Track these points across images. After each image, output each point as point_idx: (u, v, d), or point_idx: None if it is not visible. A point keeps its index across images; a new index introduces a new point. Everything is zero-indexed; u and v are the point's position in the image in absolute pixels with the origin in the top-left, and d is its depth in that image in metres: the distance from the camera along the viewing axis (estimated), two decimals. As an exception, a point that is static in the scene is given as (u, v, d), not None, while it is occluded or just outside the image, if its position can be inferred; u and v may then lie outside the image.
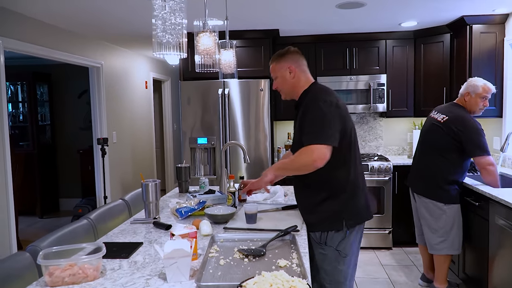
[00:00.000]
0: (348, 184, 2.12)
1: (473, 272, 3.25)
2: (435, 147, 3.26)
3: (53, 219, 6.32)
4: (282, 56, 2.26)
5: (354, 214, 2.13)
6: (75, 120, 6.87)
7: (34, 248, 1.89)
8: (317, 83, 2.26)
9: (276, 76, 2.28)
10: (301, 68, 2.25)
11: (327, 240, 2.10)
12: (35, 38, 3.85)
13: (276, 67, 2.27)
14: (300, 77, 2.24)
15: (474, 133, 3.09)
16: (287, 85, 2.26)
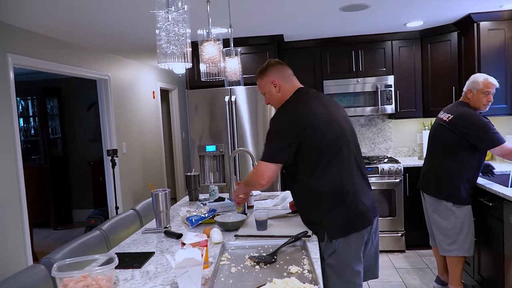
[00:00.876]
0: (327, 193, 2.03)
1: (489, 274, 3.21)
2: (442, 147, 3.24)
3: (67, 230, 6.38)
4: (264, 72, 2.26)
5: (337, 225, 2.01)
6: (85, 132, 6.94)
7: (48, 261, 1.91)
8: (298, 92, 2.20)
9: (263, 92, 2.30)
10: (285, 79, 2.24)
11: (322, 248, 2.03)
12: (43, 53, 3.91)
13: (261, 83, 2.29)
14: (285, 88, 2.22)
15: (480, 130, 3.06)
16: (276, 99, 2.25)
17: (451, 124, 3.18)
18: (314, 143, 2.02)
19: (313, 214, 2.09)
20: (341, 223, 2.02)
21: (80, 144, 6.97)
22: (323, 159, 2.03)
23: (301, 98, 2.16)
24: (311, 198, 2.08)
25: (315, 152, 2.03)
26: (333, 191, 2.03)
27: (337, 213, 2.02)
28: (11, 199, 3.48)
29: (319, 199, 2.05)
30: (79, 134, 6.97)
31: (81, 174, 6.89)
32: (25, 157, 3.76)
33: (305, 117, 2.04)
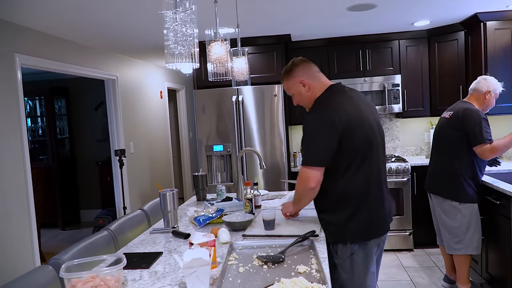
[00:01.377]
0: (353, 196, 2.01)
1: (497, 272, 3.19)
2: (446, 144, 3.25)
3: (74, 230, 6.42)
4: (290, 71, 2.18)
5: (359, 229, 2.02)
6: (93, 132, 6.98)
7: (56, 261, 1.92)
8: (330, 89, 2.14)
9: (292, 93, 2.22)
10: (313, 76, 2.17)
11: (338, 251, 2.05)
12: (50, 53, 3.94)
13: (288, 84, 2.20)
14: (315, 86, 2.14)
15: (475, 122, 3.06)
16: (306, 99, 2.18)
17: (451, 120, 3.20)
18: (347, 144, 1.97)
19: (338, 216, 2.04)
20: (364, 227, 2.03)
21: (87, 144, 7.01)
22: (354, 160, 2.00)
23: (333, 98, 2.08)
24: (337, 200, 2.04)
25: (347, 154, 1.99)
26: (359, 194, 2.02)
27: (360, 217, 2.01)
28: (19, 199, 3.51)
29: (346, 201, 2.02)
30: (87, 134, 7.01)
31: (89, 174, 6.93)
32: (32, 157, 3.78)
33: (339, 118, 1.97)
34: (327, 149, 1.97)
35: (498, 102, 3.96)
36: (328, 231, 2.10)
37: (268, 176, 4.52)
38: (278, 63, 4.60)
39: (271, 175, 4.51)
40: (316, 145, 1.99)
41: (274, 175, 4.49)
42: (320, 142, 1.98)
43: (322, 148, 1.98)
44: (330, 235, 2.08)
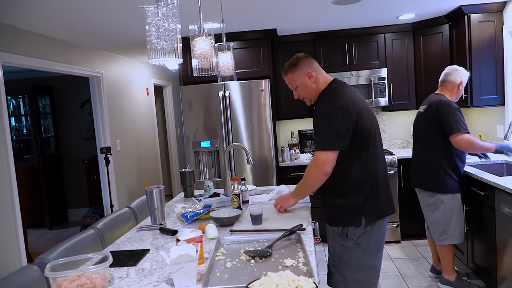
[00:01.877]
0: (367, 180, 2.13)
1: (482, 261, 3.23)
2: (423, 138, 3.31)
3: (62, 230, 6.35)
4: (296, 65, 2.26)
5: (373, 210, 2.13)
6: (79, 131, 6.90)
7: (42, 261, 1.89)
8: (334, 82, 2.25)
9: (296, 86, 2.28)
10: (317, 70, 2.26)
11: (348, 233, 2.14)
12: (33, 51, 3.87)
13: (294, 77, 2.27)
14: (319, 79, 2.25)
15: (449, 112, 3.11)
16: (310, 91, 2.27)
17: (426, 113, 3.26)
18: (360, 130, 2.09)
19: (354, 199, 2.13)
20: (377, 207, 2.15)
21: (73, 143, 6.93)
22: (366, 145, 2.13)
23: (341, 89, 2.19)
24: (353, 183, 2.13)
25: (361, 138, 2.11)
26: (373, 176, 2.14)
27: (375, 198, 2.14)
28: (3, 199, 3.45)
29: (361, 184, 2.13)
30: (72, 133, 6.93)
31: (75, 172, 6.86)
32: (17, 157, 3.73)
33: (352, 105, 2.09)
34: (345, 132, 2.06)
35: (482, 94, 4.04)
36: (340, 215, 2.16)
37: (256, 172, 4.52)
38: (264, 58, 4.59)
39: (259, 171, 4.51)
40: (334, 129, 2.07)
41: (262, 170, 4.49)
42: (338, 126, 2.06)
43: (340, 132, 2.06)
44: (342, 218, 2.15)
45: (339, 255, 2.17)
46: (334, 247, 2.20)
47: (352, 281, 2.14)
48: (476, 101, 4.06)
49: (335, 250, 2.19)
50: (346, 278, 2.15)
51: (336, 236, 2.18)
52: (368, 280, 2.17)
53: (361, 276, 2.15)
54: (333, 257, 2.20)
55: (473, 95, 4.05)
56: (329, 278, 2.25)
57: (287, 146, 5.05)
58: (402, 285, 3.56)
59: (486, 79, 4.03)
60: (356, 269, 2.14)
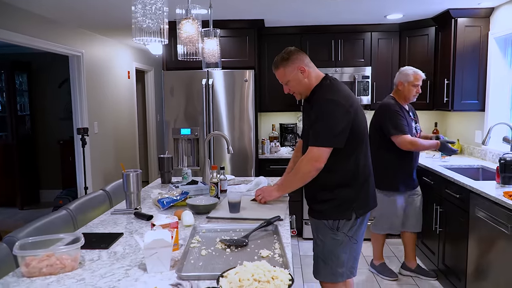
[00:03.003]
0: (357, 174, 2.18)
1: (453, 263, 3.29)
2: (372, 140, 3.36)
3: (33, 210, 6.20)
4: (288, 59, 2.23)
5: (363, 204, 2.20)
6: (55, 110, 6.72)
7: (11, 239, 1.83)
8: (328, 78, 2.25)
9: (287, 80, 2.26)
10: (309, 65, 2.25)
11: (339, 226, 2.17)
12: (13, 25, 3.74)
13: (285, 71, 2.24)
14: (311, 74, 2.23)
15: (388, 115, 3.33)
16: (302, 86, 2.25)
17: (373, 116, 3.49)
18: (355, 126, 2.12)
19: (347, 193, 2.16)
20: (366, 201, 2.23)
21: (49, 122, 6.75)
22: (360, 141, 2.18)
23: (336, 85, 2.20)
24: (347, 178, 2.17)
25: (356, 135, 2.14)
26: (363, 172, 2.20)
27: (364, 193, 2.21)
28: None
29: (353, 180, 2.17)
30: (48, 112, 6.74)
31: (50, 153, 6.69)
32: (-10, 133, 3.60)
33: (349, 102, 2.12)
34: (342, 131, 2.08)
35: (464, 98, 4.09)
36: (332, 209, 2.18)
37: (235, 162, 4.49)
38: (250, 48, 4.54)
39: (238, 161, 4.48)
40: (332, 127, 2.08)
41: (241, 161, 4.47)
42: (336, 124, 2.08)
43: (337, 130, 2.08)
44: (334, 212, 2.18)
45: (330, 249, 2.20)
46: (324, 241, 2.22)
47: (338, 273, 2.21)
48: (456, 105, 4.11)
49: (325, 244, 2.22)
50: (335, 271, 2.20)
51: (326, 229, 2.20)
52: (350, 269, 2.26)
53: (347, 267, 2.22)
54: (323, 251, 2.23)
55: (454, 99, 4.10)
56: (316, 271, 2.30)
57: (267, 139, 5.03)
58: (373, 282, 3.61)
59: (468, 83, 4.08)
60: (345, 261, 2.20)
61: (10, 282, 1.45)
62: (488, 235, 2.73)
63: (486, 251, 2.77)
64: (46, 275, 1.48)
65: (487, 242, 2.75)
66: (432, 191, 3.68)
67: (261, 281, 1.25)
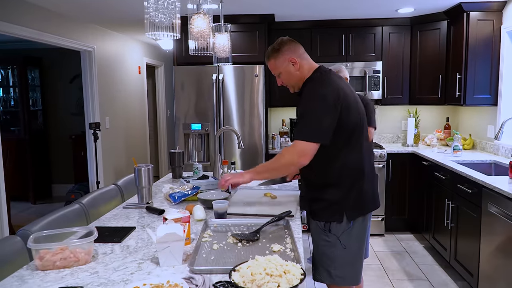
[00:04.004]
0: (350, 174, 2.02)
1: (464, 258, 3.27)
2: None
3: (46, 205, 6.28)
4: (279, 50, 2.09)
5: (356, 206, 2.02)
6: (67, 106, 6.78)
7: (25, 232, 1.86)
8: (320, 70, 2.10)
9: (279, 72, 2.14)
10: (302, 56, 2.11)
11: (331, 228, 2.02)
12: (26, 20, 3.77)
13: (276, 63, 2.11)
14: (303, 65, 2.10)
15: None
16: (294, 78, 2.12)
17: None
18: (346, 121, 1.97)
19: (336, 193, 2.01)
20: (360, 204, 2.04)
21: (61, 117, 6.81)
22: (351, 137, 2.01)
23: (327, 77, 2.06)
24: (336, 177, 2.02)
25: (346, 130, 1.98)
26: (354, 170, 2.03)
27: (357, 194, 2.02)
28: (-11, 169, 3.39)
29: (341, 179, 2.01)
30: (60, 107, 6.80)
31: (62, 148, 6.76)
32: (3, 128, 3.65)
33: (339, 95, 1.96)
34: (329, 126, 1.94)
35: (476, 93, 4.05)
36: (322, 210, 2.04)
37: (245, 157, 4.49)
38: (260, 43, 4.54)
39: (248, 156, 4.48)
40: (319, 121, 1.94)
41: (252, 156, 4.47)
42: (323, 118, 1.94)
43: (325, 124, 1.94)
44: (324, 213, 2.04)
45: (322, 250, 2.08)
46: (317, 241, 2.11)
47: (337, 277, 2.06)
48: (469, 100, 4.07)
49: (318, 244, 2.10)
50: (331, 273, 2.06)
51: (319, 230, 2.08)
52: (352, 275, 2.10)
53: (345, 272, 2.07)
54: (317, 251, 2.12)
55: (466, 94, 4.06)
56: (314, 273, 2.16)
57: (278, 134, 5.03)
58: (384, 278, 3.60)
59: (480, 78, 4.03)
60: (341, 265, 2.05)
61: (24, 275, 1.47)
62: (501, 230, 2.70)
63: (499, 247, 2.75)
64: (60, 268, 1.50)
65: (500, 238, 2.73)
66: (444, 186, 3.66)
67: (273, 275, 1.25)
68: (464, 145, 4.40)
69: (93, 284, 1.38)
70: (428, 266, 3.79)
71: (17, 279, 1.44)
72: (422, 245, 4.29)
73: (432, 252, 4.07)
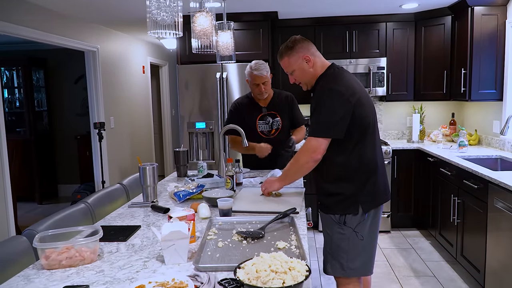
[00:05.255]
0: (365, 168, 2.08)
1: (471, 254, 3.25)
2: None
3: (52, 205, 6.31)
4: (293, 48, 2.15)
5: (371, 198, 2.09)
6: (72, 106, 6.80)
7: (30, 232, 1.87)
8: (332, 67, 2.17)
9: (292, 69, 2.19)
10: (315, 54, 2.17)
11: (346, 221, 2.08)
12: (29, 21, 3.79)
13: (290, 60, 2.17)
14: (316, 63, 2.16)
15: None
16: (308, 76, 2.17)
17: None
18: (360, 117, 2.03)
19: (351, 187, 2.07)
20: (374, 196, 2.11)
21: (66, 118, 6.84)
22: (365, 132, 2.07)
23: (340, 74, 2.12)
24: (352, 171, 2.07)
25: (360, 127, 2.05)
26: (368, 165, 2.09)
27: (371, 187, 2.09)
28: (-5, 170, 3.41)
29: (357, 173, 2.07)
30: (65, 108, 6.83)
31: (67, 148, 6.79)
32: (9, 129, 3.67)
33: (352, 92, 2.03)
34: (342, 120, 2.00)
35: (481, 88, 4.02)
36: (338, 203, 2.09)
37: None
38: (264, 41, 4.53)
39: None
40: (329, 116, 2.01)
41: (256, 154, 4.45)
42: (334, 114, 2.00)
43: (335, 119, 2.00)
44: (340, 206, 2.09)
45: (337, 243, 2.11)
46: (331, 235, 2.14)
47: (349, 269, 2.10)
48: (474, 95, 4.04)
49: (332, 238, 2.13)
50: (344, 266, 2.10)
51: (333, 224, 2.11)
52: (364, 268, 2.15)
53: (358, 264, 2.11)
54: (330, 245, 2.15)
55: (471, 89, 4.03)
56: (325, 266, 2.19)
57: (282, 132, 5.01)
58: (390, 274, 3.59)
59: (485, 73, 4.00)
60: (354, 257, 2.09)
61: (30, 274, 1.47)
62: (508, 226, 2.69)
63: (505, 242, 2.73)
64: (66, 267, 1.51)
65: (507, 233, 2.71)
66: (450, 182, 3.64)
67: (278, 272, 1.25)
68: (470, 140, 4.38)
69: (99, 282, 1.38)
70: (435, 263, 3.78)
71: (23, 278, 1.44)
72: (428, 242, 4.27)
73: (438, 249, 4.05)
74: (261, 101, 3.22)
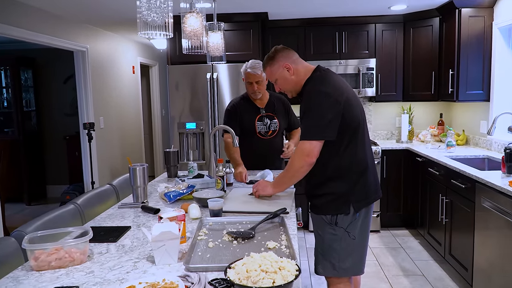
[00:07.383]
0: (356, 168, 2.09)
1: (459, 253, 3.29)
2: None
3: (40, 206, 6.25)
4: (273, 58, 2.20)
5: (362, 197, 2.10)
6: (61, 106, 6.74)
7: (19, 233, 1.85)
8: (318, 70, 2.18)
9: (275, 78, 2.23)
10: (296, 62, 2.20)
11: (337, 221, 2.09)
12: (17, 20, 3.75)
13: (272, 70, 2.22)
14: (299, 70, 2.18)
15: None
16: (290, 84, 2.21)
17: None
18: (348, 118, 2.04)
19: (339, 187, 2.08)
20: (365, 195, 2.12)
21: (55, 118, 6.78)
22: (356, 133, 2.09)
23: (327, 76, 2.13)
24: (340, 172, 2.08)
25: (350, 127, 2.06)
26: (359, 164, 2.11)
27: (362, 186, 2.11)
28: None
29: (348, 172, 2.08)
30: (54, 108, 6.76)
31: (56, 148, 6.73)
32: (-3, 129, 3.63)
33: (340, 93, 2.05)
34: (333, 121, 2.01)
35: (468, 89, 4.08)
36: (329, 203, 2.10)
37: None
38: (254, 42, 4.54)
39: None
40: (320, 118, 2.02)
41: (247, 154, 4.46)
42: (324, 115, 2.01)
43: (326, 121, 2.01)
44: (331, 207, 2.10)
45: (329, 243, 2.12)
46: (322, 235, 2.15)
47: (340, 268, 2.11)
48: (461, 96, 4.10)
49: (323, 238, 2.14)
50: (335, 266, 2.11)
51: (325, 224, 2.12)
52: (356, 267, 2.16)
53: (350, 264, 2.12)
54: (322, 246, 2.16)
55: (459, 90, 4.08)
56: (317, 267, 2.20)
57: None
58: (380, 274, 3.62)
59: (472, 74, 4.06)
60: (346, 257, 2.10)
61: (19, 275, 1.46)
62: (495, 224, 2.73)
63: (492, 241, 2.77)
64: (55, 269, 1.50)
65: (494, 232, 2.75)
66: (438, 182, 3.68)
67: (268, 272, 1.26)
68: (458, 140, 4.43)
69: (89, 283, 1.38)
70: (424, 262, 3.82)
71: (12, 280, 1.44)
72: (417, 241, 4.32)
73: (427, 248, 4.09)
74: (258, 102, 3.22)
